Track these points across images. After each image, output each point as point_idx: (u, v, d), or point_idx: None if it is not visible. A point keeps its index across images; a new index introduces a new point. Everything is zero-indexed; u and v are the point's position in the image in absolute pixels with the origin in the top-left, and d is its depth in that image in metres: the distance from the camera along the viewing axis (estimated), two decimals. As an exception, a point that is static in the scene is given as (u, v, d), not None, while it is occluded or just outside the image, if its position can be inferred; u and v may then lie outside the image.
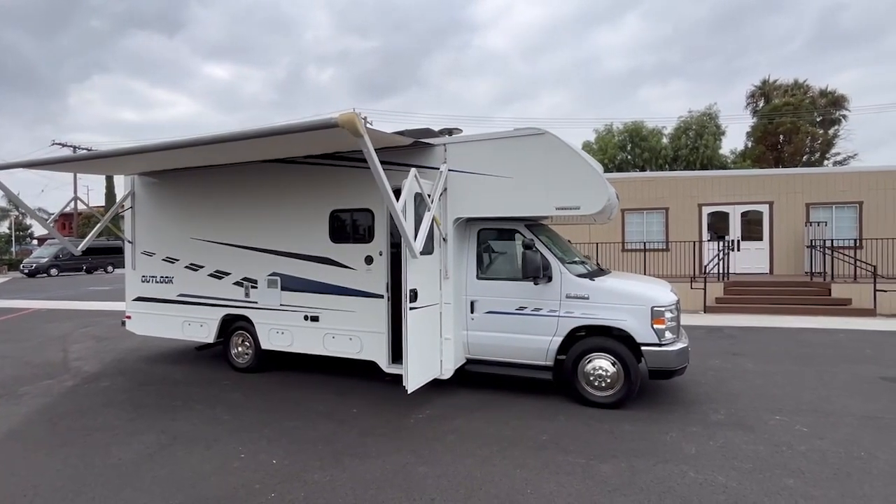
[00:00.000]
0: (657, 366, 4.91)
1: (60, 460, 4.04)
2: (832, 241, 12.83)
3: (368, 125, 4.78)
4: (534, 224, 5.76)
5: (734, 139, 55.39)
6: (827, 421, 4.66)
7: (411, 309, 4.77)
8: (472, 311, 5.58)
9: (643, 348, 4.91)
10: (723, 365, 6.84)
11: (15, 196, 6.08)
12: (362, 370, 6.09)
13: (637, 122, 32.10)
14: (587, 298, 5.11)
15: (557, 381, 5.28)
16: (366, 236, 5.85)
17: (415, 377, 4.79)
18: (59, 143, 33.57)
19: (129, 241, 7.47)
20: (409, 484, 3.53)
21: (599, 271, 5.84)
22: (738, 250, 14.58)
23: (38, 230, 50.25)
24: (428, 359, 5.13)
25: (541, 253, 5.24)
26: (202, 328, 6.91)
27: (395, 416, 4.93)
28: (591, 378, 5.07)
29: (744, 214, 14.67)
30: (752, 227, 14.70)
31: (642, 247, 14.45)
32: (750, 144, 34.28)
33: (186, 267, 7.02)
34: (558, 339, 5.19)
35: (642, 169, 31.84)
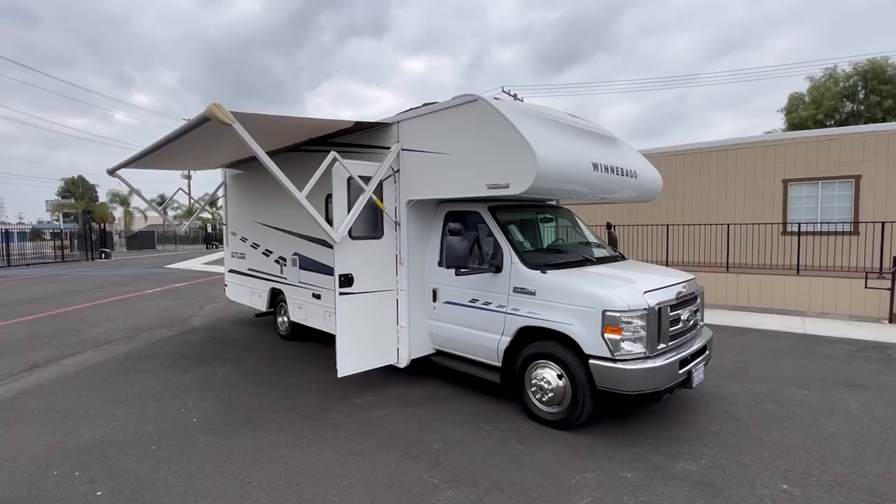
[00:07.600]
0: (607, 385, 3.82)
1: (92, 391, 5.31)
2: None
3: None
4: (518, 205, 5.10)
5: None
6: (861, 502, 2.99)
7: (342, 294, 4.74)
8: (434, 300, 5.21)
9: (590, 361, 3.88)
10: (806, 399, 4.88)
11: (134, 188, 8.02)
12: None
13: (875, 60, 23.73)
14: (533, 294, 4.26)
15: (505, 385, 4.57)
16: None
17: (346, 363, 4.77)
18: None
19: (223, 224, 9.11)
20: (254, 464, 3.62)
21: (584, 261, 4.75)
22: None
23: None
24: (370, 346, 5.02)
25: (495, 239, 4.58)
26: (259, 298, 8.06)
27: (337, 398, 5.00)
28: (533, 390, 4.26)
29: None
30: None
31: (814, 229, 10.93)
32: None
33: (251, 245, 8.23)
34: (507, 339, 4.48)
35: (882, 121, 23.57)
